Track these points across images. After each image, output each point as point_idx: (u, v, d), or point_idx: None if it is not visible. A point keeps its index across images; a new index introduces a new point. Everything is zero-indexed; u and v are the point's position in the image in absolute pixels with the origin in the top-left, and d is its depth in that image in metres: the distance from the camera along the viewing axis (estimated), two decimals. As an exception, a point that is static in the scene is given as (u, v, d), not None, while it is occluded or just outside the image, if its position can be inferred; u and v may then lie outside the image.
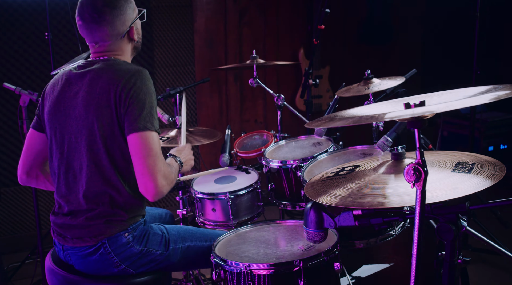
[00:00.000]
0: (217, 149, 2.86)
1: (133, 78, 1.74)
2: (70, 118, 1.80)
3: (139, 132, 1.68)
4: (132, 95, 1.71)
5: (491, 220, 3.46)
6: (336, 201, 1.30)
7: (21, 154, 1.96)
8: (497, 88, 1.20)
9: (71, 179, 1.81)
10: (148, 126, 1.70)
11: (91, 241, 1.77)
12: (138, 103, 1.71)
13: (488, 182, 1.22)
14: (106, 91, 1.73)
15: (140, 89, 1.72)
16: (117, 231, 1.79)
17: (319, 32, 3.00)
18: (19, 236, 3.77)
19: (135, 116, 1.69)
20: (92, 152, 1.76)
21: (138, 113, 1.70)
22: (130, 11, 1.87)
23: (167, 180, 1.73)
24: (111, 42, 1.86)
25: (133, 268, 1.83)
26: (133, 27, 1.89)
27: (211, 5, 4.27)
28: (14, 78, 3.57)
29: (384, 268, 2.15)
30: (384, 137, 2.13)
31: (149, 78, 1.78)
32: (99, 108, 1.73)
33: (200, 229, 2.07)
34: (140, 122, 1.69)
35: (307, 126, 1.40)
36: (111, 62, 1.82)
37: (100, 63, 1.82)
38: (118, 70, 1.76)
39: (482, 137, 4.41)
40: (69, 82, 1.83)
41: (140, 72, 1.77)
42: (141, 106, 1.71)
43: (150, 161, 1.68)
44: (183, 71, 4.20)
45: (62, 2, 3.60)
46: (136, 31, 1.92)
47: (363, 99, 2.52)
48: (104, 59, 1.84)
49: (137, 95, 1.71)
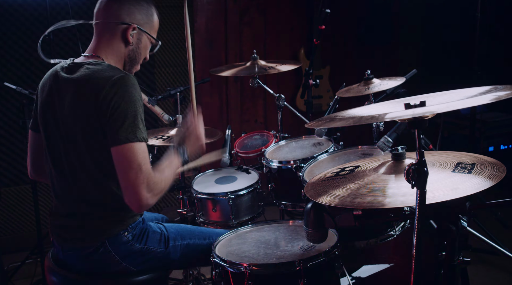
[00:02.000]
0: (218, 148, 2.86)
1: (114, 87, 1.65)
2: (58, 124, 1.77)
3: (120, 145, 1.62)
4: (113, 106, 1.63)
5: (491, 220, 3.46)
6: (336, 201, 1.30)
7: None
8: (498, 88, 1.20)
9: (65, 182, 1.80)
10: (129, 137, 1.62)
11: (91, 242, 1.77)
12: (120, 114, 1.63)
13: (488, 182, 1.21)
14: (90, 101, 1.67)
15: (121, 99, 1.64)
16: (116, 231, 1.79)
17: (319, 32, 3.00)
18: (19, 236, 3.77)
19: (117, 128, 1.62)
20: (80, 158, 1.73)
21: (119, 125, 1.62)
22: (143, 15, 1.84)
23: (152, 191, 1.65)
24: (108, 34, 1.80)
25: (133, 265, 1.83)
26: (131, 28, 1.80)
27: (211, 5, 4.27)
28: (14, 78, 3.57)
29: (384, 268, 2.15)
30: (384, 137, 2.13)
31: (133, 84, 1.68)
32: (84, 117, 1.69)
33: (198, 227, 2.07)
34: (121, 134, 1.62)
35: (308, 127, 1.40)
36: (96, 67, 1.73)
37: (84, 68, 1.74)
38: (101, 78, 1.68)
39: (482, 137, 4.40)
40: (57, 88, 1.78)
41: (122, 79, 1.67)
42: (123, 117, 1.63)
43: (131, 174, 1.61)
44: (183, 71, 4.20)
45: (62, 2, 3.60)
46: (138, 42, 1.85)
47: (363, 99, 2.52)
48: (91, 63, 1.75)
49: (118, 105, 1.63)
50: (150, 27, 1.89)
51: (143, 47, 1.88)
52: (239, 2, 4.37)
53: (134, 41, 1.84)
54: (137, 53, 1.87)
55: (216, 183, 2.57)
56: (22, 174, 3.68)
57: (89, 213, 1.77)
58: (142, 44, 1.87)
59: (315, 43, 3.07)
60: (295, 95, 4.67)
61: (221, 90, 4.43)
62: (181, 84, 4.18)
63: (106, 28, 1.81)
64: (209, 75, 2.91)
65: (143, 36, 1.87)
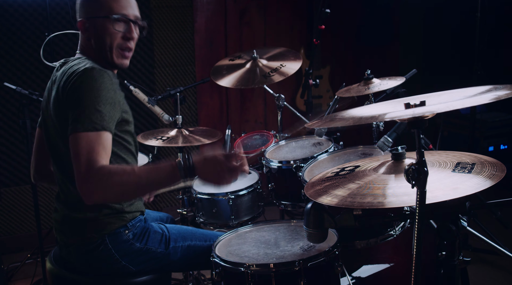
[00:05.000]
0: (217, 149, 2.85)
1: (73, 77, 1.68)
2: (49, 119, 1.82)
3: (70, 135, 1.61)
4: (67, 96, 1.66)
5: (491, 220, 3.46)
6: (336, 201, 1.30)
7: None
8: (497, 88, 1.20)
9: (63, 178, 1.83)
10: (77, 128, 1.59)
11: (91, 237, 1.78)
12: (74, 103, 1.63)
13: (488, 182, 1.21)
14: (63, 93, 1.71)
15: (75, 89, 1.65)
16: (116, 227, 1.80)
17: (319, 32, 3.00)
18: (19, 236, 3.77)
19: (72, 119, 1.62)
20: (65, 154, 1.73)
21: (72, 115, 1.62)
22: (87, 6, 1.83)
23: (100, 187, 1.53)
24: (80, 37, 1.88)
25: (133, 265, 1.84)
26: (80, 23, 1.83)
27: (211, 5, 4.27)
28: (14, 78, 3.57)
29: (384, 268, 2.15)
30: (384, 137, 2.13)
31: (93, 76, 1.66)
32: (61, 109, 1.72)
33: (199, 229, 2.07)
34: (71, 124, 1.61)
35: (308, 127, 1.40)
36: (73, 63, 1.79)
37: (67, 63, 1.82)
38: (71, 71, 1.72)
39: (482, 137, 4.41)
40: (52, 81, 1.85)
41: (84, 72, 1.67)
42: (76, 106, 1.62)
43: (75, 164, 1.57)
44: (183, 71, 4.20)
45: (62, 2, 3.60)
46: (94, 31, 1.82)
47: (363, 99, 2.52)
48: (75, 58, 1.84)
49: (71, 95, 1.65)
50: (98, 9, 1.82)
51: (101, 32, 1.82)
52: (239, 2, 4.37)
53: (91, 33, 1.83)
54: (98, 41, 1.83)
55: (216, 183, 2.57)
56: (22, 174, 3.68)
57: (88, 208, 1.77)
58: (98, 30, 1.82)
59: (315, 43, 3.07)
60: (295, 95, 4.67)
61: (221, 90, 4.42)
62: (181, 84, 4.18)
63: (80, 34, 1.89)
64: (209, 74, 2.90)
65: (95, 22, 1.82)
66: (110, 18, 1.80)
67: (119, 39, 1.83)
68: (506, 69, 4.69)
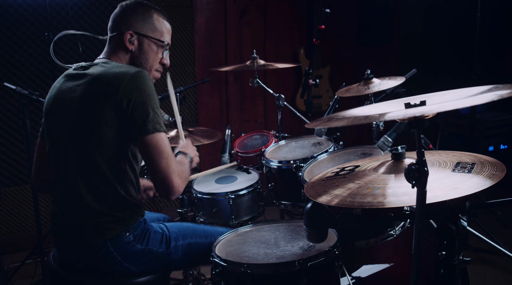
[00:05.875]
0: (217, 149, 2.86)
1: (133, 80, 1.72)
2: (64, 115, 1.80)
3: (149, 135, 1.69)
4: (136, 99, 1.70)
5: (491, 220, 3.46)
6: (336, 201, 1.30)
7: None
8: (498, 88, 1.20)
9: (66, 182, 1.80)
10: (157, 127, 1.70)
11: (93, 242, 1.77)
12: (144, 106, 1.70)
13: (488, 182, 1.21)
14: (106, 94, 1.71)
15: (143, 92, 1.72)
16: (118, 232, 1.79)
17: (319, 32, 3.00)
18: (19, 236, 3.77)
19: (143, 119, 1.69)
20: (83, 154, 1.75)
21: (145, 116, 1.69)
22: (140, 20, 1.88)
23: (181, 178, 1.75)
24: (112, 45, 1.89)
25: (135, 266, 1.83)
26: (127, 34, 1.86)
27: (211, 5, 4.27)
28: (14, 78, 3.57)
29: (384, 268, 2.15)
30: (384, 137, 2.13)
31: (150, 78, 1.78)
32: (96, 110, 1.72)
33: (200, 226, 2.07)
34: (149, 125, 1.69)
35: (308, 127, 1.40)
36: (110, 65, 1.81)
37: (99, 65, 1.82)
38: (117, 73, 1.74)
39: (482, 137, 4.41)
40: (68, 80, 1.85)
41: (140, 74, 1.75)
42: (147, 108, 1.70)
43: (163, 163, 1.69)
44: (183, 71, 4.20)
45: (62, 2, 3.60)
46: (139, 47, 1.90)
47: (363, 99, 2.52)
48: (103, 62, 1.85)
49: (141, 98, 1.71)
50: (152, 30, 1.91)
51: (146, 51, 1.91)
52: (239, 2, 4.37)
53: (135, 47, 1.90)
54: (141, 58, 1.91)
55: (216, 182, 2.57)
56: (22, 174, 3.68)
57: (90, 213, 1.77)
58: (144, 48, 1.91)
59: (315, 43, 3.07)
60: (295, 95, 4.67)
61: (221, 90, 4.43)
62: (181, 84, 4.18)
63: (111, 41, 1.91)
64: (209, 74, 2.90)
65: (144, 40, 1.90)
66: (161, 43, 1.92)
67: (157, 63, 1.96)
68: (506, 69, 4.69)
